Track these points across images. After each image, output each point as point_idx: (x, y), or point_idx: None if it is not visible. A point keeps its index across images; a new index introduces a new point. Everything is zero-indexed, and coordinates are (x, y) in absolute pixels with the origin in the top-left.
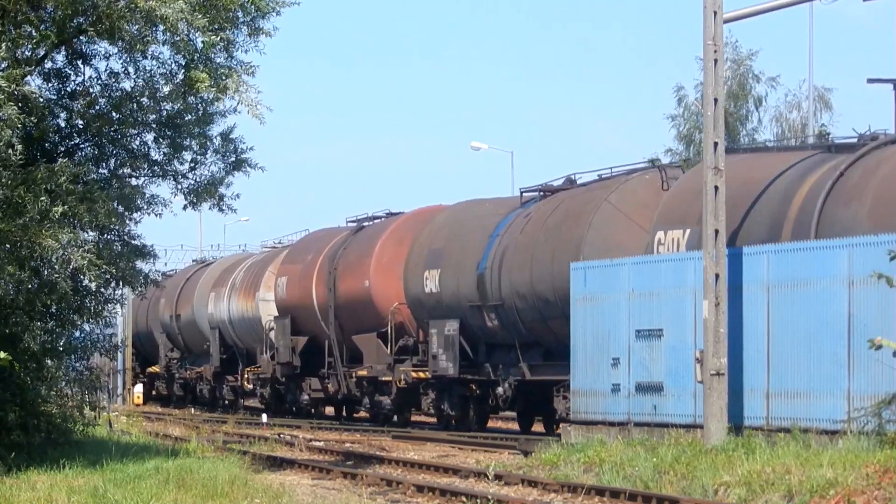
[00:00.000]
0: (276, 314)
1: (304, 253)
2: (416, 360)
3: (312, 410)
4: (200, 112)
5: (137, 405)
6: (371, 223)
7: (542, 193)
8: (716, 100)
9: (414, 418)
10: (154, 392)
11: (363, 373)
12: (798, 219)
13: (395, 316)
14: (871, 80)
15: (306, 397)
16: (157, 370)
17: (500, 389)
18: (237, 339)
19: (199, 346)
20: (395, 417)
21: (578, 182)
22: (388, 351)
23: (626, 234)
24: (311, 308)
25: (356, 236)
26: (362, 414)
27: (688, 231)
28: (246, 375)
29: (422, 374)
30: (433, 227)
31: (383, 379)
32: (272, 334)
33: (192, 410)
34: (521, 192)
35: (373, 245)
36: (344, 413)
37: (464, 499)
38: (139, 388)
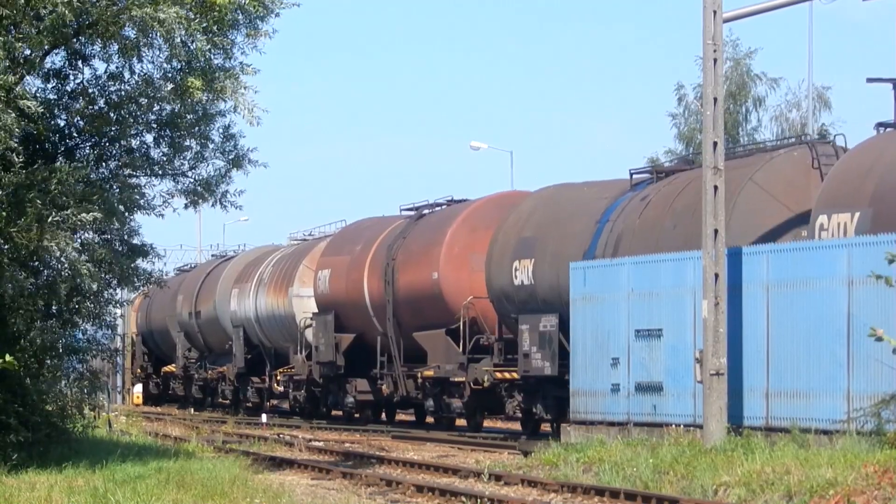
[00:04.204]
0: (315, 310)
1: (350, 243)
2: (498, 360)
3: (357, 414)
4: (200, 113)
5: (137, 405)
6: (431, 211)
7: (654, 175)
8: (715, 99)
9: (487, 423)
10: (170, 392)
11: (429, 373)
12: None
13: (469, 311)
14: (870, 80)
15: (351, 399)
16: (174, 370)
17: None
18: (264, 338)
19: (220, 346)
20: (466, 422)
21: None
22: (460, 349)
23: (774, 218)
24: (362, 303)
25: (418, 224)
26: (404, 417)
27: (857, 214)
28: (277, 377)
29: (508, 375)
30: (520, 214)
31: (454, 380)
32: (308, 332)
33: (192, 410)
34: (631, 174)
35: (442, 234)
36: (384, 416)
37: (463, 499)
38: (139, 387)
